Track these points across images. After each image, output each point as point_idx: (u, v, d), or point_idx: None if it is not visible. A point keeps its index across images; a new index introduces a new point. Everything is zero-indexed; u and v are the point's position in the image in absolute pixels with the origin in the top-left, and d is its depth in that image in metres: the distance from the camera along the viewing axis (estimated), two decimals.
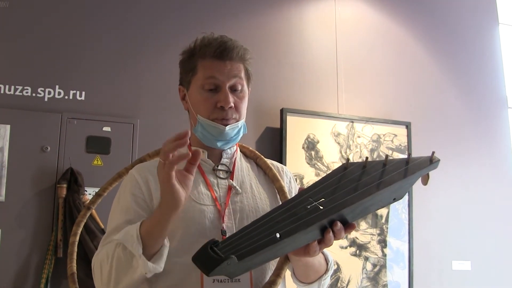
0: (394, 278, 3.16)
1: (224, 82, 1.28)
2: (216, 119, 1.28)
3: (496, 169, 3.61)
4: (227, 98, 1.27)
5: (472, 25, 3.81)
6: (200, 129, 1.30)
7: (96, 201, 1.54)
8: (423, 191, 3.33)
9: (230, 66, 1.29)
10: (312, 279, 1.31)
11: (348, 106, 3.27)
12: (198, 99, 1.30)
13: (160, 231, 1.09)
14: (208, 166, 1.34)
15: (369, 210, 1.06)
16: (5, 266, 2.41)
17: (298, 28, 3.31)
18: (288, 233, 0.95)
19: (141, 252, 1.08)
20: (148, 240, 1.09)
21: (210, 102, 1.28)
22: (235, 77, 1.29)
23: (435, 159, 1.11)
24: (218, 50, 1.28)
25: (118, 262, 1.12)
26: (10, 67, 2.65)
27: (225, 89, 1.28)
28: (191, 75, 1.32)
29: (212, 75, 1.28)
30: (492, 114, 3.72)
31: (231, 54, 1.29)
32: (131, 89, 2.84)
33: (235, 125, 1.31)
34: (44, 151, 2.56)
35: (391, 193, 1.05)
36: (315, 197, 1.03)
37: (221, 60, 1.29)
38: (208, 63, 1.29)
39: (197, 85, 1.30)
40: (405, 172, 1.06)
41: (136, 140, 2.73)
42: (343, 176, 1.09)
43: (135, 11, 2.95)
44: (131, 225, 1.15)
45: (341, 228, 1.01)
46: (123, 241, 1.11)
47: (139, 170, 1.32)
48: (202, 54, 1.30)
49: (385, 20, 3.54)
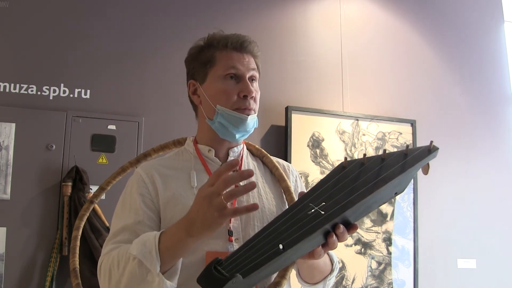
0: (399, 276, 3.15)
1: (244, 73, 1.30)
2: (238, 108, 1.28)
3: (501, 167, 3.60)
4: (249, 87, 1.29)
5: (477, 23, 3.79)
6: (220, 119, 1.29)
7: (99, 194, 1.53)
8: (428, 189, 3.33)
9: (248, 58, 1.33)
10: (317, 280, 1.31)
11: (353, 104, 3.27)
12: (219, 89, 1.30)
13: (182, 251, 1.07)
14: (215, 165, 1.33)
15: (371, 208, 1.04)
16: (11, 264, 2.42)
17: (303, 26, 3.30)
18: (291, 243, 0.93)
19: (158, 270, 1.06)
20: (166, 257, 1.07)
21: (233, 92, 1.29)
22: (253, 69, 1.33)
23: (433, 148, 1.08)
24: (238, 42, 1.32)
25: (132, 276, 1.09)
26: (15, 66, 2.65)
27: (246, 79, 1.30)
28: (209, 66, 1.32)
29: (234, 65, 1.30)
30: (497, 112, 3.71)
31: (249, 47, 1.33)
32: (136, 87, 2.84)
33: (254, 116, 1.32)
34: (49, 149, 2.57)
35: (392, 188, 1.03)
36: (316, 201, 1.01)
37: (240, 52, 1.32)
38: (228, 54, 1.31)
39: (217, 75, 1.30)
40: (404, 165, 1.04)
41: (141, 138, 2.73)
42: (342, 176, 1.07)
43: (141, 9, 2.94)
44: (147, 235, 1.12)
45: (344, 230, 0.99)
46: (140, 257, 1.07)
47: (145, 169, 1.31)
48: (222, 46, 1.32)
49: (389, 18, 3.53)
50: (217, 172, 0.97)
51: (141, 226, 1.21)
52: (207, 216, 0.97)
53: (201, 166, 1.32)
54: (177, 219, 1.17)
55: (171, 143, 1.49)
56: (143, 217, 1.21)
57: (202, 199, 0.98)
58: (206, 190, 0.97)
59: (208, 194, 0.96)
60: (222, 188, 0.95)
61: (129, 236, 1.20)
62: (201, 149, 1.35)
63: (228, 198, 0.95)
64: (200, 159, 1.34)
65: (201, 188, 1.00)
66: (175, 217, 1.20)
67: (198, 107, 1.37)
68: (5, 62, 2.64)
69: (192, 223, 1.01)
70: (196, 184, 1.28)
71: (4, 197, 2.46)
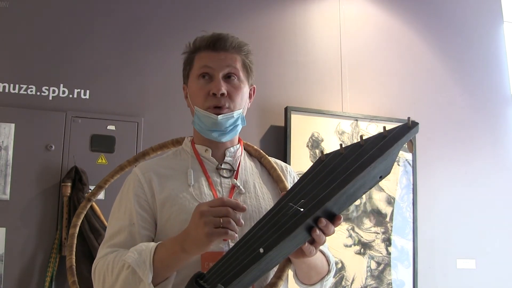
0: (398, 277, 3.15)
1: (216, 71, 1.30)
2: (209, 107, 1.28)
3: (501, 168, 3.60)
4: (218, 85, 1.28)
5: (476, 23, 3.79)
6: (197, 120, 1.32)
7: (97, 193, 1.53)
8: (427, 189, 3.33)
9: (224, 56, 1.31)
10: (314, 281, 1.31)
11: (353, 104, 3.27)
12: (193, 90, 1.32)
13: (175, 264, 1.09)
14: (212, 165, 1.34)
15: (356, 196, 1.00)
16: (10, 264, 2.42)
17: (302, 27, 3.30)
18: (272, 245, 0.92)
19: (150, 280, 1.07)
20: (160, 269, 1.09)
21: (204, 90, 1.29)
22: (228, 66, 1.31)
23: (413, 124, 1.02)
24: (211, 42, 1.31)
25: (124, 283, 1.11)
26: (14, 66, 2.65)
27: (217, 77, 1.29)
28: (189, 69, 1.35)
29: (205, 64, 1.30)
30: (496, 112, 3.70)
31: (224, 44, 1.31)
32: (136, 87, 2.84)
33: (229, 114, 1.30)
34: (49, 149, 2.57)
35: (375, 173, 0.99)
36: (295, 200, 0.99)
37: (215, 51, 1.31)
38: (203, 54, 1.32)
39: (193, 77, 1.33)
40: (382, 147, 0.99)
41: (141, 139, 2.73)
42: (320, 170, 1.04)
43: (140, 10, 2.95)
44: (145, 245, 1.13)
45: (327, 223, 0.96)
46: (134, 266, 1.08)
47: (142, 170, 1.31)
48: (198, 48, 1.34)
49: (389, 18, 3.53)
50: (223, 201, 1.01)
51: (135, 228, 1.21)
52: (199, 232, 1.00)
53: (198, 166, 1.33)
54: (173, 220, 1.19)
55: (170, 143, 1.49)
56: (137, 219, 1.22)
57: (195, 216, 1.02)
58: (205, 208, 1.01)
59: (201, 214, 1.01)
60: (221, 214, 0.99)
61: (124, 239, 1.21)
62: (198, 149, 1.36)
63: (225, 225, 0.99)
64: (197, 159, 1.34)
65: (199, 205, 1.03)
66: (171, 218, 1.21)
67: None
68: (4, 62, 2.65)
69: (186, 238, 1.04)
70: (193, 183, 1.28)
71: (4, 198, 2.46)
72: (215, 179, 1.31)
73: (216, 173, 1.33)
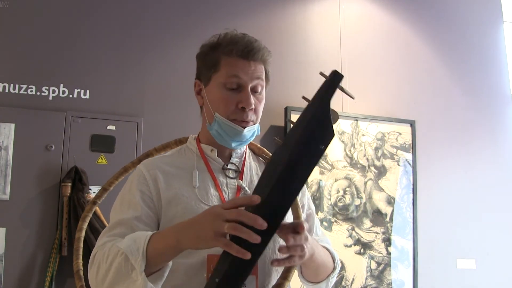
0: (398, 277, 3.15)
1: (247, 83, 1.24)
2: (235, 120, 1.25)
3: (501, 167, 3.60)
4: (249, 99, 1.23)
5: (476, 23, 3.79)
6: (217, 127, 1.27)
7: (102, 195, 1.52)
8: (427, 189, 3.33)
9: (254, 67, 1.26)
10: (321, 278, 1.31)
11: (353, 104, 3.26)
12: (218, 97, 1.26)
13: (170, 255, 1.07)
14: (217, 165, 1.32)
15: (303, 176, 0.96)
16: (10, 264, 2.41)
17: (302, 26, 3.30)
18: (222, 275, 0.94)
19: (143, 269, 1.04)
20: (153, 258, 1.05)
21: (231, 102, 1.24)
22: (257, 78, 1.26)
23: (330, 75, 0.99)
24: (245, 50, 1.25)
25: (117, 270, 1.08)
26: (14, 66, 2.65)
27: (247, 90, 1.24)
28: (213, 71, 1.27)
29: (236, 74, 1.24)
30: (496, 112, 3.71)
31: (257, 55, 1.26)
32: (136, 87, 2.84)
33: (252, 127, 1.28)
34: (49, 149, 2.57)
35: (311, 145, 0.93)
36: None
37: (246, 60, 1.25)
38: (233, 61, 1.25)
39: (218, 82, 1.26)
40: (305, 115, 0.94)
41: (141, 139, 2.73)
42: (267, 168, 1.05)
43: (140, 10, 2.94)
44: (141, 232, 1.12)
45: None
46: (127, 252, 1.06)
47: (147, 166, 1.29)
48: (227, 51, 1.26)
49: (389, 18, 3.53)
50: (236, 201, 0.99)
51: (138, 222, 1.19)
52: (204, 231, 0.98)
53: (204, 165, 1.31)
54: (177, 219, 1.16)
55: (173, 143, 1.48)
56: (141, 213, 1.20)
57: (209, 214, 1.00)
58: (217, 210, 0.99)
59: (217, 214, 0.97)
60: (232, 218, 0.95)
61: (125, 230, 1.18)
62: (204, 148, 1.34)
63: (231, 229, 0.94)
64: (203, 158, 1.32)
65: (215, 206, 1.02)
66: (176, 217, 1.20)
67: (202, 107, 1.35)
68: (4, 62, 2.64)
69: (188, 228, 1.02)
70: (198, 184, 1.26)
71: (4, 198, 2.46)
72: (221, 180, 1.30)
73: (222, 173, 1.31)
